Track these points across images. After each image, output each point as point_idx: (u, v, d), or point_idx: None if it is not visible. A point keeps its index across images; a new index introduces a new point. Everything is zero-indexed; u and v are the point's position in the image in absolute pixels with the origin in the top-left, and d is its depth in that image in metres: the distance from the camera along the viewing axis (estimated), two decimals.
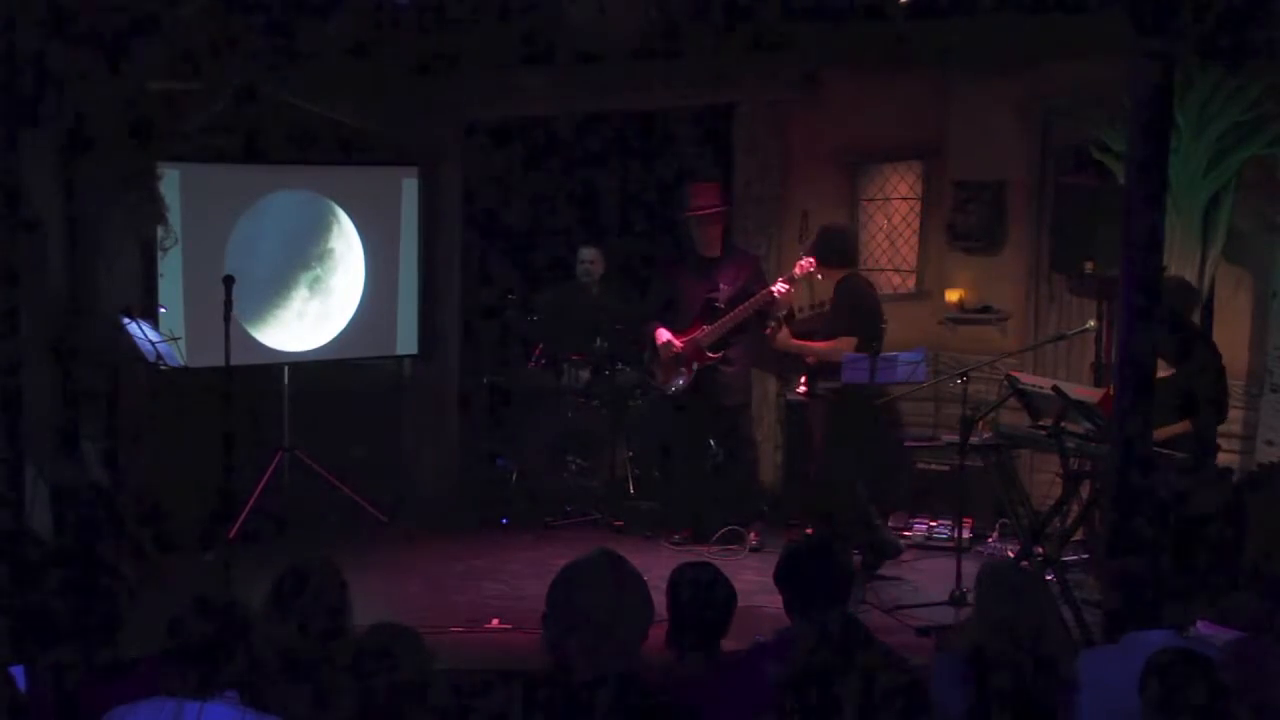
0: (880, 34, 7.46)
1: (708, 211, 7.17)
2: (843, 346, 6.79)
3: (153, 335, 6.80)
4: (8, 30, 5.53)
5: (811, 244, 7.16)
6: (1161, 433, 5.62)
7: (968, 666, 3.46)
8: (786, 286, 7.03)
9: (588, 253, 8.19)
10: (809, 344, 7.08)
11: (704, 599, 3.58)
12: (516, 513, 7.81)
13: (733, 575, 3.70)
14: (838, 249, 7.07)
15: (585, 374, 8.06)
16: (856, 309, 6.98)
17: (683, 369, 7.25)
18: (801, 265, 7.05)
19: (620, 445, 8.08)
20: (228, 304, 6.42)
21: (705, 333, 7.16)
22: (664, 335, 7.30)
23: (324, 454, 7.68)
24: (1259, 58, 5.94)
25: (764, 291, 7.05)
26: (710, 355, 7.17)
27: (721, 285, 7.19)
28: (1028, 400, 6.03)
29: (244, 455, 7.51)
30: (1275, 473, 6.06)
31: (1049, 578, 5.52)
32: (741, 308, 7.08)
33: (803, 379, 7.12)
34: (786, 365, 8.06)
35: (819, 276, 7.13)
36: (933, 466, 7.42)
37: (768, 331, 7.23)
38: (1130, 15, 4.61)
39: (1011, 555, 6.18)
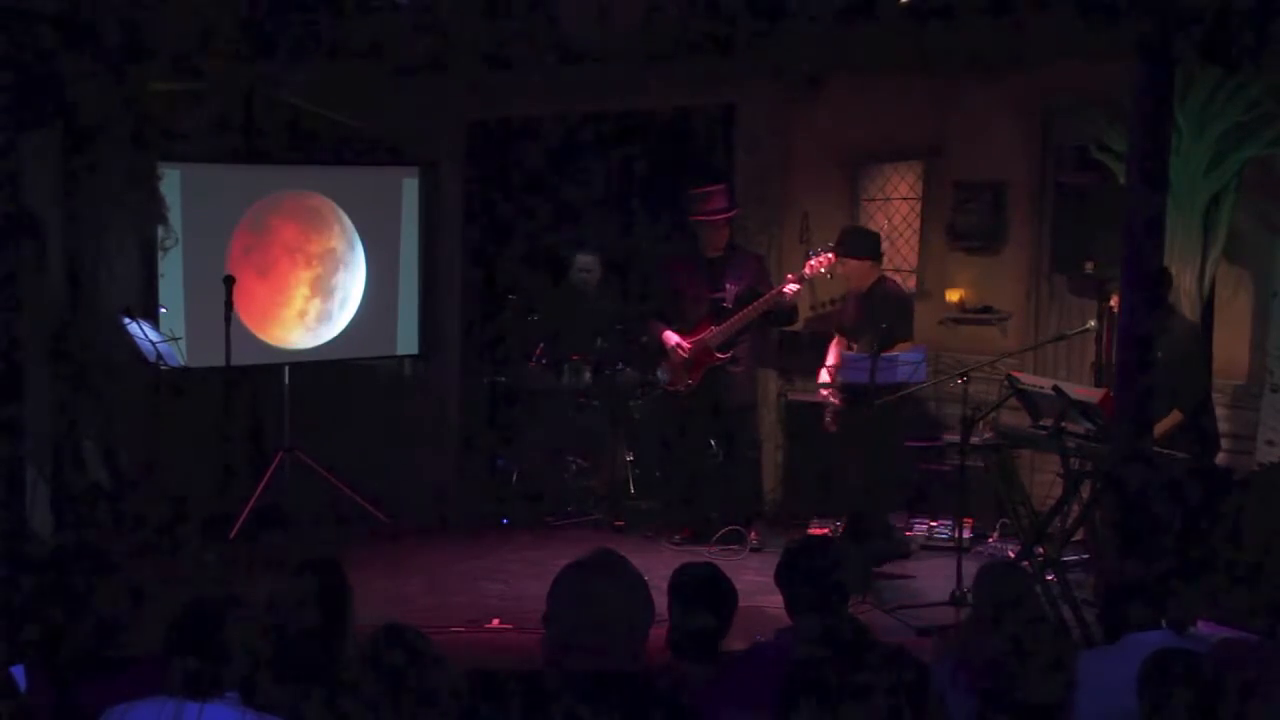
0: (880, 34, 7.45)
1: (720, 217, 7.17)
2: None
3: (153, 335, 6.80)
4: (10, 31, 5.54)
5: (836, 242, 7.00)
6: (1158, 427, 5.63)
7: (965, 667, 3.46)
8: (797, 286, 7.03)
9: (586, 260, 8.16)
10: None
11: (705, 599, 3.57)
12: (516, 513, 7.81)
13: (733, 575, 3.70)
14: (867, 242, 6.99)
15: (585, 374, 8.06)
16: (908, 313, 7.02)
17: (692, 370, 7.25)
18: (811, 265, 7.05)
19: (620, 445, 8.07)
20: (228, 304, 6.44)
21: (713, 333, 7.15)
22: (672, 339, 7.28)
23: (324, 454, 7.67)
24: (1259, 58, 5.93)
25: (773, 291, 7.04)
26: (719, 355, 7.16)
27: (728, 285, 7.18)
28: (1028, 400, 6.02)
29: (244, 455, 7.53)
30: (1275, 473, 6.05)
31: (1049, 578, 5.53)
32: (750, 307, 7.07)
33: (825, 379, 7.06)
34: (795, 365, 8.07)
35: (829, 276, 7.14)
36: (933, 466, 7.42)
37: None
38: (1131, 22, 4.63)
39: (1012, 555, 6.17)
